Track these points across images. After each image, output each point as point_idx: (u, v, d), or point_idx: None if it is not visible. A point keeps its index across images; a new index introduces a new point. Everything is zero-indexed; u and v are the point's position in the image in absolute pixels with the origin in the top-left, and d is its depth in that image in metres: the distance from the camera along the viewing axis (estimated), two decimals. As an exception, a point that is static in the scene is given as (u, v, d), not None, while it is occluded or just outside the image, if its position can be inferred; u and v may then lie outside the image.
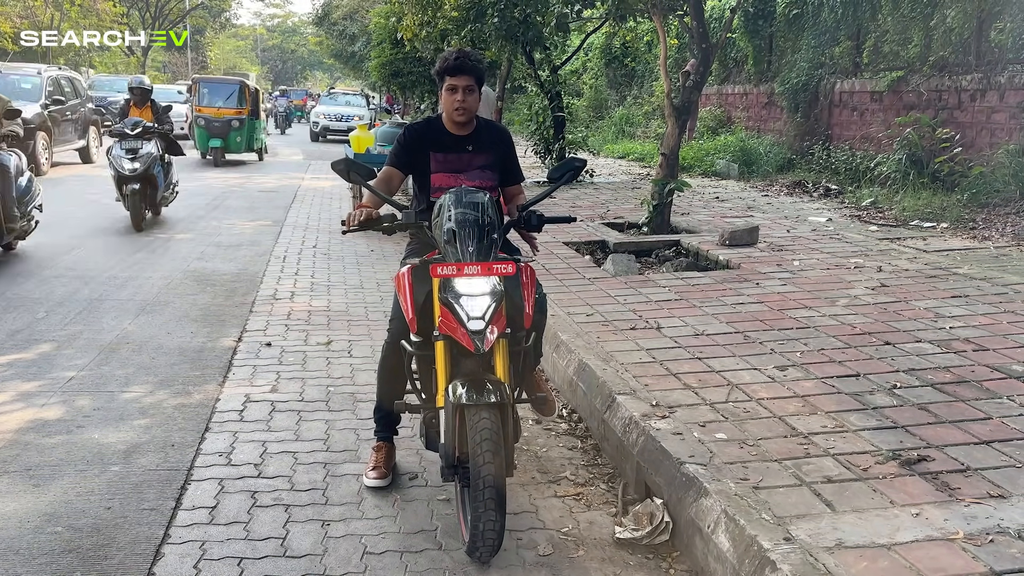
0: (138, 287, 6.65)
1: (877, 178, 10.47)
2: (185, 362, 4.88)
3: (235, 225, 10.02)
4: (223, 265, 7.63)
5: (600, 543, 2.98)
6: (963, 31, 9.99)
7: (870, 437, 3.22)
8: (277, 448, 3.72)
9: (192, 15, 52.27)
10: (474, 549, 2.73)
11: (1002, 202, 8.58)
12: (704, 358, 4.20)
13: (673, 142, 7.90)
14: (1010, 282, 5.72)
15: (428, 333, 2.98)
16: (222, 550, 2.88)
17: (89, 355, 4.93)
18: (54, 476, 3.40)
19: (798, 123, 13.31)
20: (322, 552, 2.88)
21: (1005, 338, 4.44)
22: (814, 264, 6.44)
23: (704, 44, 7.75)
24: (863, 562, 2.36)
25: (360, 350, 5.16)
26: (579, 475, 3.53)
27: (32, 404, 4.16)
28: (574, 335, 4.63)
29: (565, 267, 6.48)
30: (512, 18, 11.27)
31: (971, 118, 9.81)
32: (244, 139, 17.97)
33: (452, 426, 2.76)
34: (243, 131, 17.82)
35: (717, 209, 9.63)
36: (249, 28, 77.71)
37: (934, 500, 2.72)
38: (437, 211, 3.05)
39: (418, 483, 3.43)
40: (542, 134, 13.38)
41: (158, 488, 3.31)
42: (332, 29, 36.92)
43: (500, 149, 3.51)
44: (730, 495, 2.76)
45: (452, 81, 3.28)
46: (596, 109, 22.35)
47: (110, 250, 8.12)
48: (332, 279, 7.15)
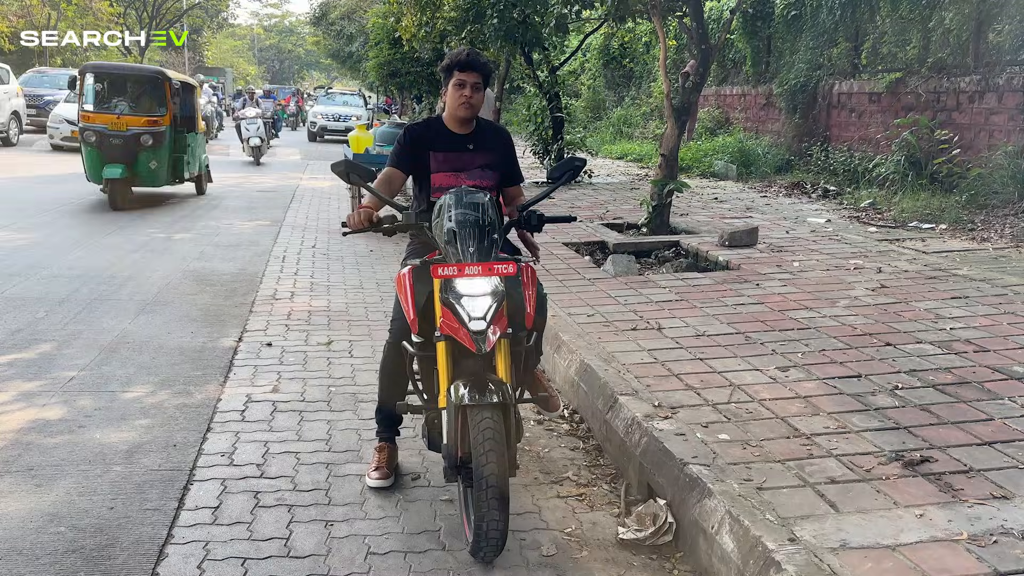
0: (137, 287, 6.64)
1: (875, 179, 10.49)
2: (186, 362, 4.88)
3: (234, 225, 10.01)
4: (222, 265, 7.63)
5: (603, 544, 2.98)
6: (961, 33, 10.01)
7: (872, 438, 3.22)
8: (279, 448, 3.72)
9: (189, 15, 52.20)
10: (478, 549, 2.73)
11: (1001, 203, 8.59)
12: (706, 359, 4.20)
13: (672, 143, 7.91)
14: (1010, 283, 5.73)
15: (429, 334, 2.98)
16: (226, 550, 2.88)
17: (90, 355, 4.93)
18: (56, 476, 3.39)
19: (796, 124, 13.32)
20: (326, 552, 2.88)
21: (1006, 339, 4.45)
22: (814, 265, 6.45)
23: (703, 45, 7.76)
24: (868, 563, 2.37)
25: (361, 350, 5.16)
26: (582, 476, 3.53)
27: (33, 404, 4.16)
28: (575, 335, 4.63)
29: (565, 267, 6.48)
30: (511, 19, 11.28)
31: (969, 120, 9.83)
32: (164, 163, 11.21)
33: (454, 427, 2.76)
34: (161, 151, 11.08)
35: (716, 210, 9.64)
36: (246, 28, 77.75)
37: (937, 501, 2.72)
38: (437, 212, 3.05)
39: (421, 483, 3.43)
40: (541, 135, 13.39)
41: (161, 488, 3.31)
42: (330, 29, 36.95)
43: (501, 149, 3.52)
44: (734, 496, 2.77)
45: (461, 76, 3.28)
46: (594, 110, 22.36)
47: (109, 249, 8.11)
48: (332, 279, 7.15)
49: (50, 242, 8.28)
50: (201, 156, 12.82)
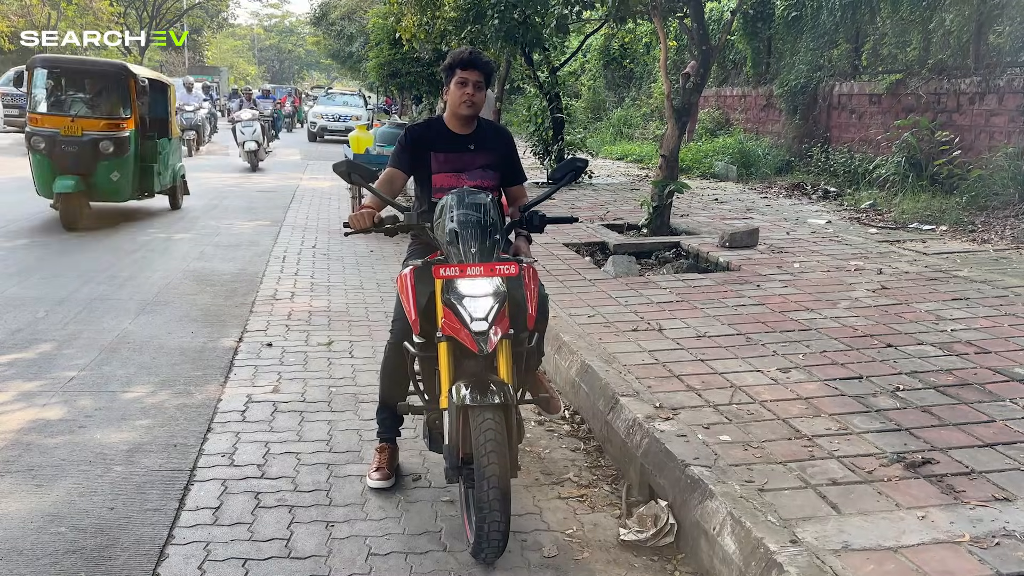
0: (137, 287, 6.63)
1: (876, 180, 10.48)
2: (186, 362, 4.87)
3: (234, 225, 10.00)
4: (223, 265, 7.62)
5: (605, 545, 2.98)
6: (962, 34, 10.01)
7: (874, 439, 3.22)
8: (280, 449, 3.71)
9: (189, 14, 52.24)
10: (479, 551, 2.73)
11: (1001, 205, 8.59)
12: (706, 360, 4.20)
13: (673, 143, 7.90)
14: (1010, 285, 5.73)
15: (431, 334, 2.98)
16: (226, 551, 2.87)
17: (90, 355, 4.92)
18: (57, 476, 3.39)
19: (796, 125, 13.32)
20: (327, 553, 2.87)
21: (1007, 341, 4.44)
22: (814, 266, 6.45)
23: (704, 46, 7.75)
24: (870, 565, 2.36)
25: (361, 351, 5.15)
26: (582, 477, 3.53)
27: (33, 404, 4.15)
28: (576, 336, 4.63)
29: (565, 268, 6.48)
30: (511, 19, 11.27)
31: (970, 121, 9.82)
32: (128, 175, 9.53)
33: (456, 428, 2.76)
34: (124, 161, 9.39)
35: (716, 211, 9.64)
36: (246, 28, 77.74)
37: (939, 503, 2.72)
38: (439, 212, 3.04)
39: (421, 484, 3.42)
40: (541, 135, 13.38)
41: (161, 489, 3.31)
42: (330, 29, 36.93)
43: (502, 149, 3.51)
44: (735, 497, 2.76)
45: (464, 74, 3.28)
46: (594, 110, 22.35)
47: (109, 249, 8.10)
48: (332, 279, 7.14)
49: (46, 242, 8.27)
50: (176, 165, 11.18)
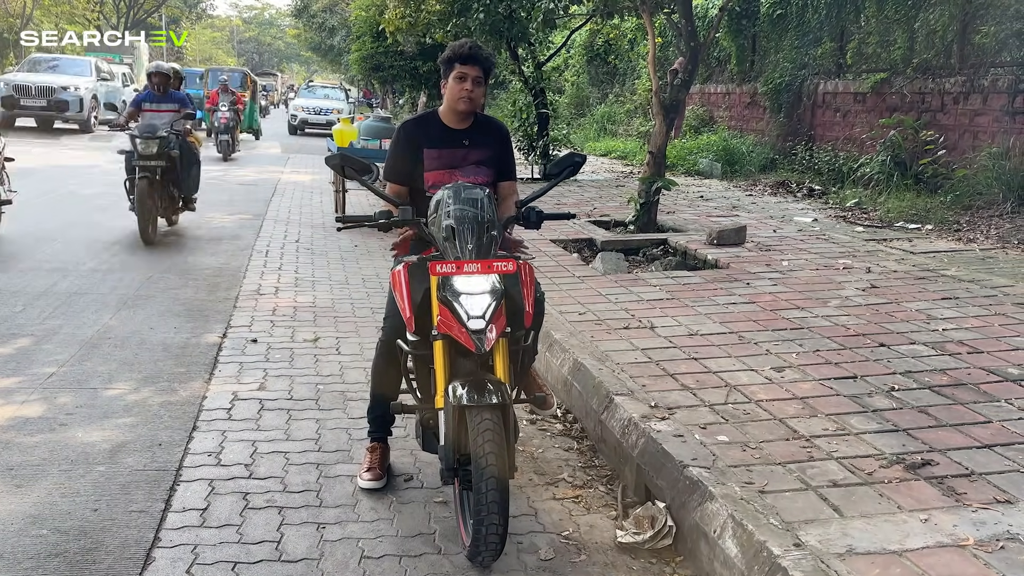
0: (118, 280, 6.50)
1: (860, 179, 10.51)
2: (169, 358, 4.77)
3: (215, 218, 9.84)
4: (204, 259, 7.50)
5: (602, 547, 2.93)
6: (946, 34, 10.06)
7: (872, 440, 3.19)
8: (268, 448, 3.63)
9: (167, 5, 51.63)
10: (476, 553, 2.66)
11: (985, 204, 8.64)
12: (700, 358, 4.16)
13: (661, 140, 7.87)
14: (998, 284, 5.74)
15: (425, 332, 2.91)
16: (215, 554, 2.79)
17: (70, 350, 4.80)
18: (37, 476, 3.28)
19: (781, 123, 13.35)
20: (319, 556, 2.80)
21: (998, 340, 4.44)
22: (803, 264, 6.44)
23: (692, 42, 7.72)
24: (875, 569, 2.33)
25: (348, 347, 5.07)
26: (577, 477, 3.48)
27: (11, 401, 4.03)
28: (567, 334, 4.57)
29: (554, 265, 6.42)
30: (497, 13, 11.19)
31: (954, 121, 9.88)
32: None
33: (452, 428, 2.69)
34: None
35: (702, 208, 9.63)
36: (225, 19, 77.05)
37: (942, 505, 2.69)
38: (435, 207, 2.97)
39: (414, 484, 3.36)
40: (526, 131, 13.30)
41: (146, 489, 3.21)
42: (311, 21, 36.57)
43: (497, 146, 3.44)
44: (736, 499, 2.72)
45: (463, 69, 3.20)
46: (578, 106, 22.30)
47: (89, 242, 7.94)
48: (316, 274, 7.04)
49: (24, 233, 8.10)
50: None
